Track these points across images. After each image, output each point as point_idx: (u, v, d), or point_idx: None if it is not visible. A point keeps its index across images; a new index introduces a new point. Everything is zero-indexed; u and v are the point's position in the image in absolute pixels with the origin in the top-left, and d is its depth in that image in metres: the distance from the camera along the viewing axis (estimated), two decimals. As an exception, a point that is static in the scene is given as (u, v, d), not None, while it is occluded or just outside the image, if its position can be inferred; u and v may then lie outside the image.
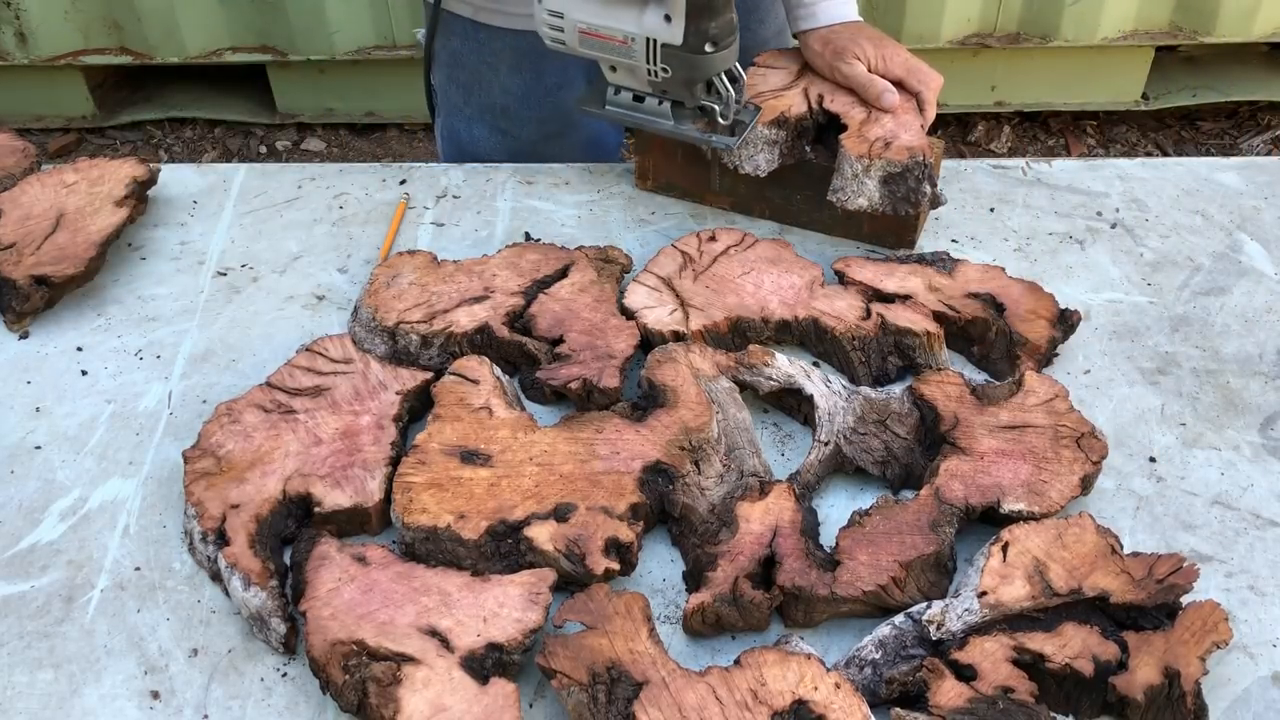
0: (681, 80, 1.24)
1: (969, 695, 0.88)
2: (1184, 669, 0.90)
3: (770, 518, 1.01)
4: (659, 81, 1.25)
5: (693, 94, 1.26)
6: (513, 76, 1.53)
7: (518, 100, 1.55)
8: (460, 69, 1.56)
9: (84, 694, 0.94)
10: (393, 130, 3.31)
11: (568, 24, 1.24)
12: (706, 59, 1.21)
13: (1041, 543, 0.98)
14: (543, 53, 1.31)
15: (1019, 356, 1.19)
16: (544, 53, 1.31)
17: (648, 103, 1.30)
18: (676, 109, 1.30)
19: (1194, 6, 2.99)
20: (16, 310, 1.25)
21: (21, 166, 1.43)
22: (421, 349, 1.19)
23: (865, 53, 1.37)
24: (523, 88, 1.54)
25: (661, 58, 1.22)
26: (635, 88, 1.29)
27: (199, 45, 3.02)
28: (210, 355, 1.24)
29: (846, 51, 1.37)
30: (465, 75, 1.56)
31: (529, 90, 1.54)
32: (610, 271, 1.27)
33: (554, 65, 1.50)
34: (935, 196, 1.31)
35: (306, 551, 0.98)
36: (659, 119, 1.31)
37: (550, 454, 1.05)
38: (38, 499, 1.09)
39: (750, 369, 1.15)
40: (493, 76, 1.55)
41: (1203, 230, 1.42)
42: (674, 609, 1.00)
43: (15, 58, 3.02)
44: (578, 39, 1.24)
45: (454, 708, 0.86)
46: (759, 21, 1.58)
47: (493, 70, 1.54)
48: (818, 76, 1.41)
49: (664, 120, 1.30)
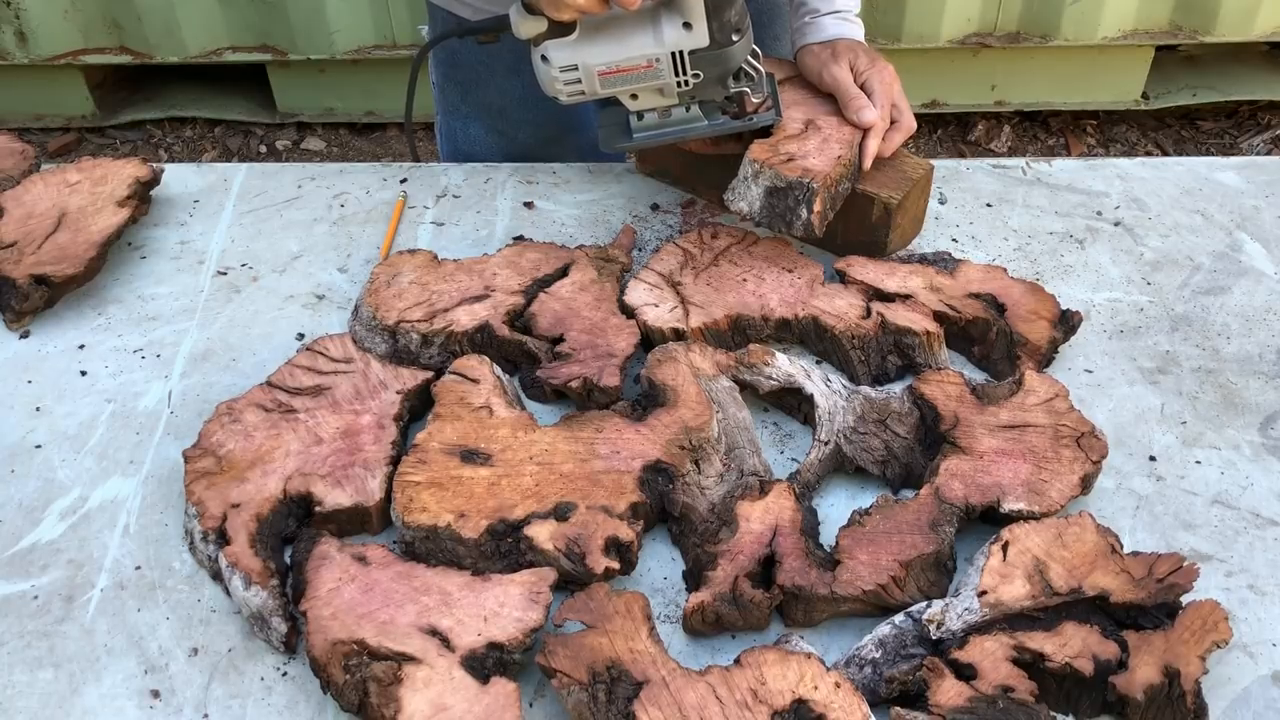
0: (714, 79, 1.22)
1: (969, 694, 0.88)
2: (1184, 668, 0.90)
3: (770, 517, 1.01)
4: (689, 89, 1.23)
5: (725, 87, 1.24)
6: (510, 79, 1.53)
7: (515, 103, 1.55)
8: (458, 68, 1.56)
9: (84, 693, 0.94)
10: (393, 130, 3.31)
11: (585, 73, 1.20)
12: (736, 48, 1.20)
13: (1041, 542, 0.98)
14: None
15: (1019, 357, 1.19)
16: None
17: (675, 114, 1.28)
18: (705, 107, 1.28)
19: (1194, 6, 2.99)
20: (17, 309, 1.25)
21: (20, 168, 1.43)
22: (422, 348, 1.19)
23: (860, 66, 1.34)
24: (520, 90, 1.53)
25: (692, 65, 1.20)
26: (662, 105, 1.27)
27: (199, 45, 3.02)
28: (210, 355, 1.24)
29: (842, 57, 1.35)
30: (463, 75, 1.56)
31: (526, 93, 1.53)
32: (610, 270, 1.27)
33: None
34: (811, 224, 1.23)
35: (307, 551, 0.98)
36: (694, 124, 1.29)
37: (550, 453, 1.05)
38: (38, 498, 1.09)
39: (750, 368, 1.15)
40: (489, 77, 1.54)
41: (1203, 230, 1.42)
42: (674, 608, 1.00)
43: (15, 57, 3.02)
44: (598, 83, 1.21)
45: (455, 707, 0.86)
46: (774, 38, 1.57)
47: (490, 71, 1.54)
48: (787, 92, 1.37)
49: (699, 123, 1.29)
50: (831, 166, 1.24)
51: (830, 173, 1.23)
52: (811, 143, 1.28)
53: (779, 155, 1.25)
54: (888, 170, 1.32)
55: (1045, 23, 3.00)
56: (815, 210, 1.22)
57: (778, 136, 1.29)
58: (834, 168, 1.24)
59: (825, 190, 1.23)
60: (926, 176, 1.33)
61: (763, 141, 1.28)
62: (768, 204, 1.24)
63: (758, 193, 1.24)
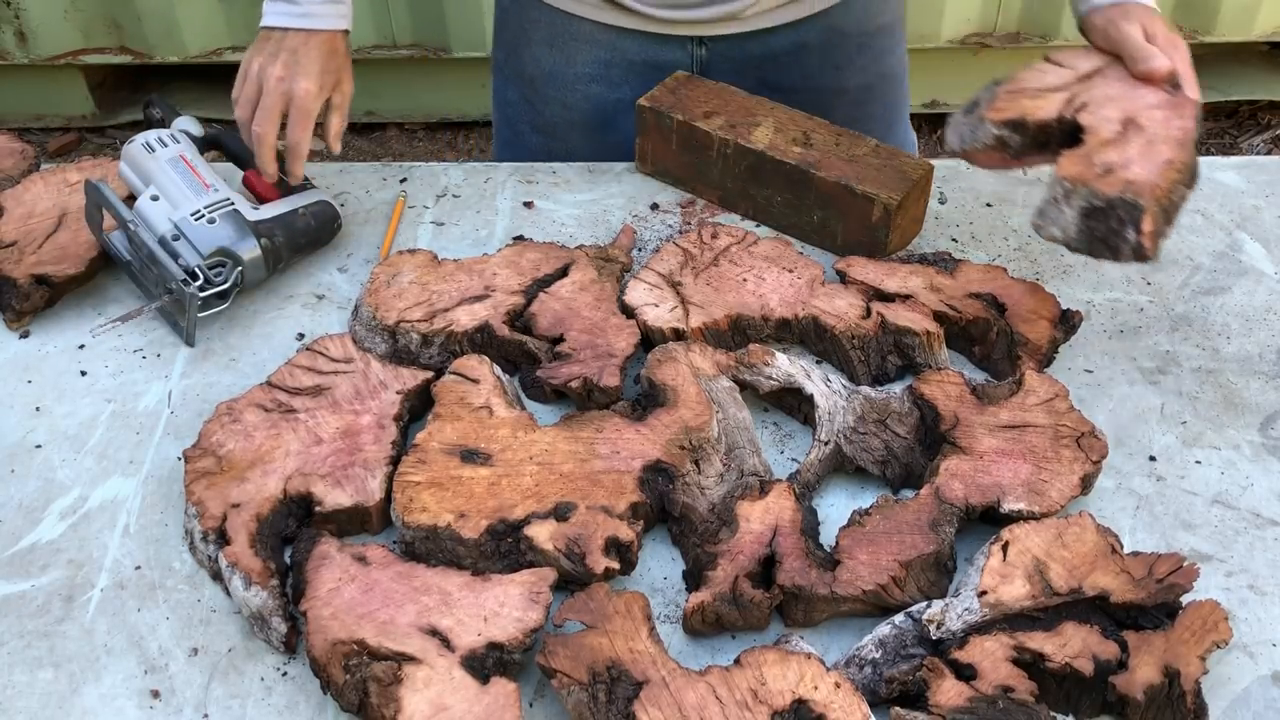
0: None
1: (969, 694, 0.88)
2: (1184, 668, 0.90)
3: (770, 517, 1.01)
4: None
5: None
6: (543, 50, 1.50)
7: (544, 77, 1.52)
8: (504, 29, 1.53)
9: (84, 693, 0.94)
10: (393, 130, 3.31)
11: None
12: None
13: (1041, 542, 0.98)
14: (577, 38, 1.27)
15: (1020, 357, 1.19)
16: (579, 38, 1.26)
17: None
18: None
19: (1194, 6, 2.99)
20: (17, 309, 1.25)
21: (20, 169, 1.43)
22: (422, 348, 1.19)
23: (1153, 29, 1.19)
24: (552, 66, 1.50)
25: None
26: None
27: (199, 45, 3.03)
28: (210, 354, 1.24)
29: (1134, 17, 1.19)
30: (508, 36, 1.53)
31: (557, 71, 1.51)
32: (610, 270, 1.28)
33: (588, 56, 1.48)
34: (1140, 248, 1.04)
35: (307, 551, 0.98)
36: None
37: (550, 453, 1.05)
38: (38, 498, 1.09)
39: (750, 368, 1.15)
40: (526, 45, 1.52)
41: (1203, 230, 1.42)
42: (674, 608, 1.00)
43: (15, 57, 3.02)
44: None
45: (455, 707, 0.86)
46: (835, 67, 1.52)
47: (527, 39, 1.51)
48: (1097, 87, 1.18)
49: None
50: (1160, 175, 1.05)
51: (1160, 183, 1.04)
52: (1133, 147, 1.09)
53: (1094, 168, 1.07)
54: (888, 170, 1.32)
55: (1045, 23, 3.00)
56: (1145, 230, 1.02)
57: (1091, 144, 1.10)
58: (1163, 175, 1.05)
59: (1156, 204, 1.04)
60: (926, 176, 1.33)
61: (1073, 152, 1.09)
62: (1085, 228, 1.06)
63: (1072, 216, 1.06)
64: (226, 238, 1.24)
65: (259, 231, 1.26)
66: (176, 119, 1.40)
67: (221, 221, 1.25)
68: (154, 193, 1.27)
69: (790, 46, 1.49)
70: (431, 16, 2.99)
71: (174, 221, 1.24)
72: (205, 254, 1.23)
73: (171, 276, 1.20)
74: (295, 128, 1.29)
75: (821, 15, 1.48)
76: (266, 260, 1.27)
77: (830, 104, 1.47)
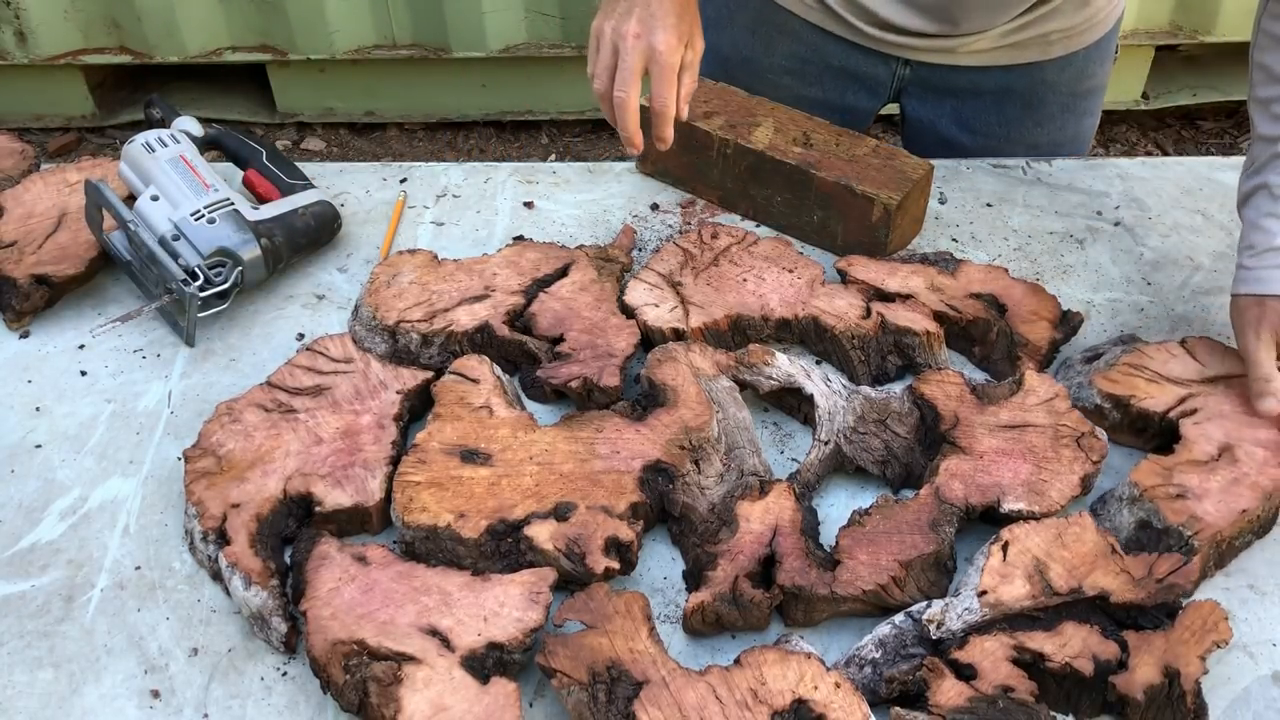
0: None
1: (969, 694, 0.88)
2: (1184, 668, 0.90)
3: (770, 517, 1.01)
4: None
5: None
6: (744, 34, 1.48)
7: (740, 61, 1.49)
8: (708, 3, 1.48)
9: (84, 693, 0.94)
10: (393, 130, 3.31)
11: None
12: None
13: (1041, 542, 0.98)
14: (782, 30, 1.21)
15: (1020, 357, 1.19)
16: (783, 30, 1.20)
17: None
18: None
19: (1194, 6, 2.99)
20: (17, 309, 1.25)
21: (20, 169, 1.43)
22: (422, 348, 1.19)
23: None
24: (750, 51, 1.48)
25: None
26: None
27: (199, 44, 3.03)
28: (210, 354, 1.24)
29: (1268, 323, 1.07)
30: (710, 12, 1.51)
31: (754, 57, 1.48)
32: (610, 270, 1.27)
33: (788, 49, 1.45)
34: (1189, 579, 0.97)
35: (307, 551, 0.98)
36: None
37: (550, 453, 1.05)
38: (38, 498, 1.09)
39: (750, 368, 1.15)
40: (728, 26, 1.49)
41: (1203, 230, 1.42)
42: (674, 608, 1.00)
43: (15, 57, 3.02)
44: None
45: (455, 707, 0.86)
46: (1035, 124, 1.51)
47: (730, 20, 1.49)
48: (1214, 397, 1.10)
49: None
50: (1230, 522, 1.00)
51: (1224, 529, 1.00)
52: (1217, 479, 1.03)
53: (1170, 486, 1.03)
54: (887, 170, 1.32)
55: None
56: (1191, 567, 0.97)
57: (1179, 457, 1.05)
58: (1233, 524, 1.00)
59: (1213, 548, 1.00)
60: (926, 176, 1.33)
61: (1157, 460, 1.05)
62: (1135, 536, 1.02)
63: (1128, 519, 1.03)
64: (226, 238, 1.24)
65: (259, 231, 1.26)
66: (176, 119, 1.40)
67: (221, 221, 1.25)
68: (154, 193, 1.27)
69: (996, 89, 1.48)
70: (431, 16, 2.99)
71: (174, 221, 1.24)
72: (205, 254, 1.23)
73: (171, 276, 1.20)
74: (661, 84, 1.16)
75: (1036, 66, 1.46)
76: (266, 260, 1.27)
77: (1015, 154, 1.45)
